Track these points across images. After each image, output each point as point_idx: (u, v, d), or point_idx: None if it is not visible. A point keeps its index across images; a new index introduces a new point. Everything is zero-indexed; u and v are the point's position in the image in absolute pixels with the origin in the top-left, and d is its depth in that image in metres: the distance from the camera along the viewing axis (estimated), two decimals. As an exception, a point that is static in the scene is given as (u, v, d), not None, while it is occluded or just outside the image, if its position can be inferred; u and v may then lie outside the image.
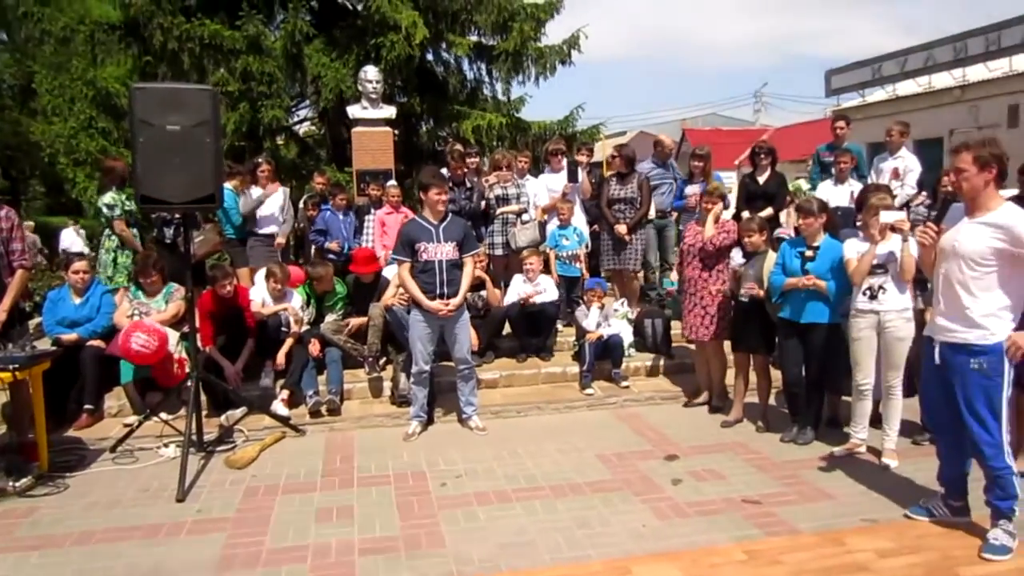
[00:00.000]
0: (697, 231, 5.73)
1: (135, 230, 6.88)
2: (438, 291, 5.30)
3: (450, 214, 5.49)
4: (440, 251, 5.30)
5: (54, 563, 3.70)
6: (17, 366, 4.46)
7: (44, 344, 5.62)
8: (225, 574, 3.54)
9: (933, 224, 3.66)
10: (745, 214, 6.67)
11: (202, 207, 4.98)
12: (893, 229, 4.34)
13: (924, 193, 6.58)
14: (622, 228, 7.10)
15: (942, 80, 17.26)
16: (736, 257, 5.44)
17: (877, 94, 19.51)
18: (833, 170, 7.21)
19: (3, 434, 5.30)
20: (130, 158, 7.80)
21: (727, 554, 3.53)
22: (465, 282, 5.46)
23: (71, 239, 13.82)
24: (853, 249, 4.62)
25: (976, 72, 16.52)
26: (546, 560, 3.56)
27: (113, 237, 6.76)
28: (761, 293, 5.20)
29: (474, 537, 3.83)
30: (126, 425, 5.52)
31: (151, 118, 4.46)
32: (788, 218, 7.25)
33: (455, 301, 5.34)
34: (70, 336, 5.69)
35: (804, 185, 7.76)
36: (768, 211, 6.86)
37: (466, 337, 5.55)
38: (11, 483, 4.55)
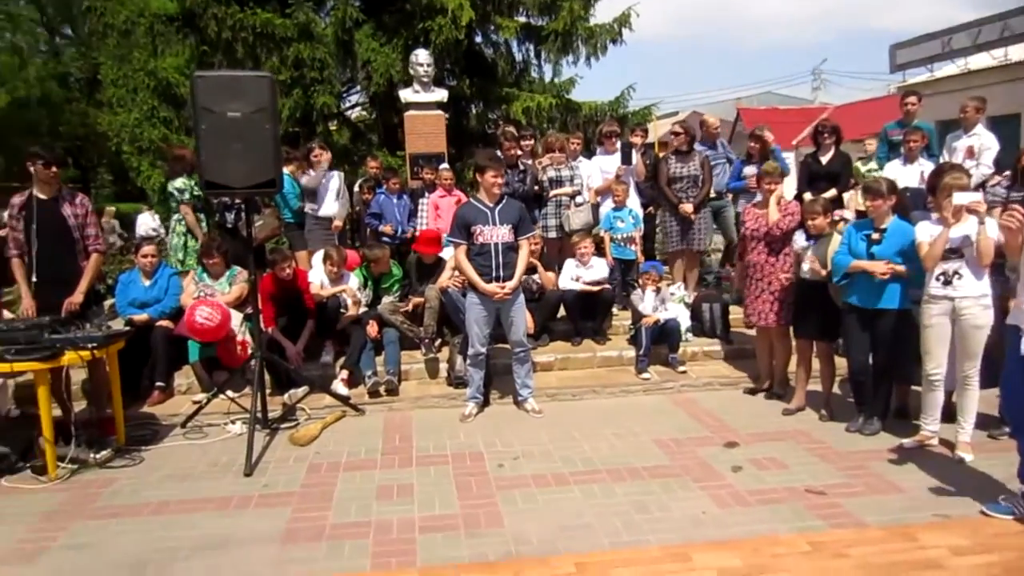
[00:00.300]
0: (759, 215, 5.61)
1: (201, 215, 7.08)
2: (494, 274, 5.31)
3: (505, 196, 5.48)
4: (496, 234, 5.29)
5: (133, 531, 3.87)
6: (95, 345, 4.65)
7: (117, 324, 5.84)
8: (291, 546, 3.64)
9: (1019, 206, 3.49)
10: (808, 195, 6.51)
11: (263, 192, 5.09)
12: (968, 211, 4.18)
13: (1007, 173, 6.30)
14: (688, 207, 7.03)
15: (1019, 52, 16.41)
16: (799, 240, 5.30)
17: (947, 68, 18.67)
18: (902, 149, 6.96)
19: (83, 410, 5.55)
20: (193, 145, 8.15)
21: (790, 544, 3.48)
22: (521, 265, 5.45)
23: (147, 223, 14.40)
24: (926, 232, 4.43)
25: (1057, 43, 15.67)
26: (604, 544, 3.57)
27: (175, 223, 6.99)
28: (823, 272, 5.07)
29: (532, 518, 3.86)
30: (195, 402, 5.71)
31: (212, 105, 4.57)
32: (851, 200, 7.06)
33: (511, 284, 5.35)
34: (141, 316, 5.89)
35: (869, 167, 7.49)
36: (831, 192, 6.67)
37: (522, 320, 5.54)
38: (92, 455, 4.76)
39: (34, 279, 5.08)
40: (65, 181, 5.27)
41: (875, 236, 4.75)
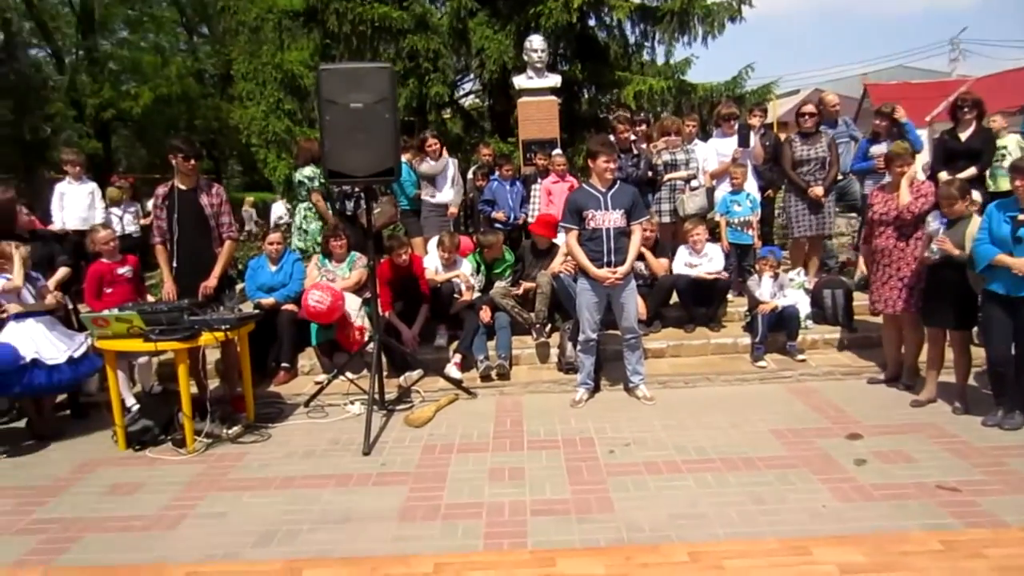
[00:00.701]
0: (887, 198, 5.28)
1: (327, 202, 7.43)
2: (605, 259, 5.28)
3: (618, 181, 5.43)
4: (608, 219, 5.25)
5: (263, 503, 4.13)
6: (228, 327, 4.98)
7: (247, 307, 6.22)
8: (408, 524, 3.78)
9: None
10: (944, 175, 6.08)
11: (383, 180, 5.25)
12: None
13: None
14: (819, 190, 6.78)
15: None
16: (932, 223, 4.95)
17: (1105, 33, 16.94)
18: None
19: (216, 388, 5.96)
20: (317, 136, 8.52)
21: (920, 542, 3.29)
22: (633, 250, 5.41)
23: (280, 211, 15.34)
24: None
25: None
26: (719, 534, 3.50)
27: (301, 209, 7.36)
28: (957, 252, 4.73)
29: (644, 505, 3.83)
30: (317, 383, 6.01)
31: (336, 97, 4.75)
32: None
33: (622, 269, 5.30)
34: (268, 300, 6.24)
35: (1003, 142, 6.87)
36: (971, 171, 6.20)
37: (633, 306, 5.50)
38: (225, 431, 5.12)
39: (174, 264, 5.47)
40: (201, 173, 5.62)
41: (1022, 218, 4.38)
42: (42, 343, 5.09)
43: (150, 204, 9.58)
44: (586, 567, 3.25)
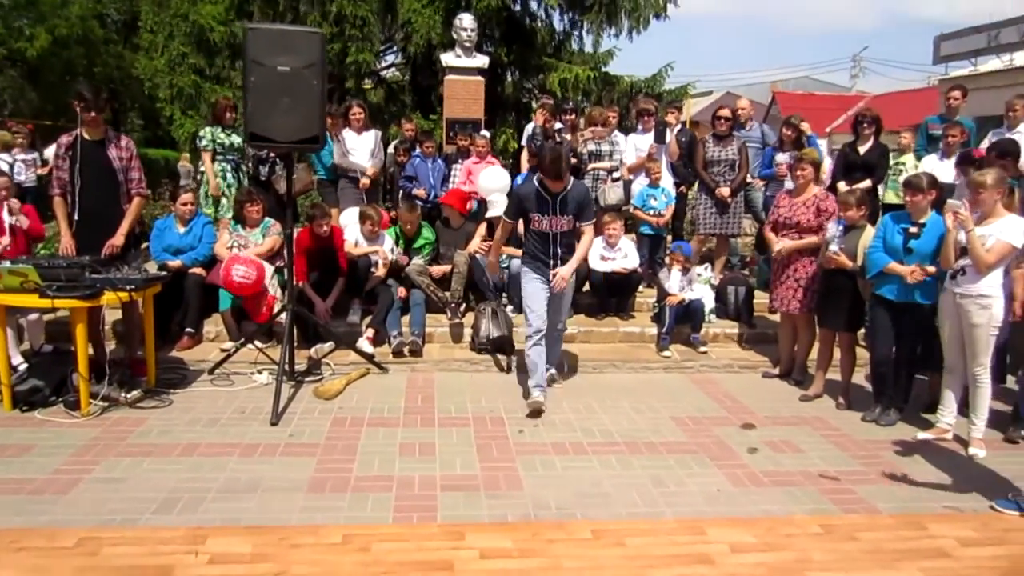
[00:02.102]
0: (793, 203, 5.59)
1: (228, 166, 7.18)
2: (551, 257, 5.09)
3: (571, 182, 5.05)
4: (556, 223, 5.02)
5: (164, 469, 4.01)
6: (134, 287, 4.78)
7: (151, 268, 5.96)
8: (318, 494, 3.76)
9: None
10: (842, 185, 6.49)
11: (306, 147, 5.13)
12: (952, 215, 4.27)
13: None
14: (726, 191, 7.06)
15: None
16: (831, 228, 5.28)
17: (991, 63, 18.30)
18: (941, 144, 6.88)
19: (113, 350, 5.70)
20: (225, 96, 8.22)
21: (803, 526, 3.55)
22: (580, 253, 5.22)
23: (184, 171, 14.78)
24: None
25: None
26: (622, 513, 3.66)
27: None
28: (847, 262, 5.07)
29: (551, 484, 3.95)
30: (223, 350, 5.85)
31: (262, 58, 4.60)
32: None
33: (563, 270, 5.05)
34: (175, 263, 6.00)
35: (900, 160, 7.42)
36: (867, 183, 6.64)
37: (568, 302, 5.50)
38: (123, 395, 4.91)
39: (75, 218, 5.18)
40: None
41: (913, 230, 4.74)
42: None
43: (47, 152, 9.03)
44: (494, 541, 3.33)
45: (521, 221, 5.23)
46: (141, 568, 3.05)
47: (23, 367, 5.16)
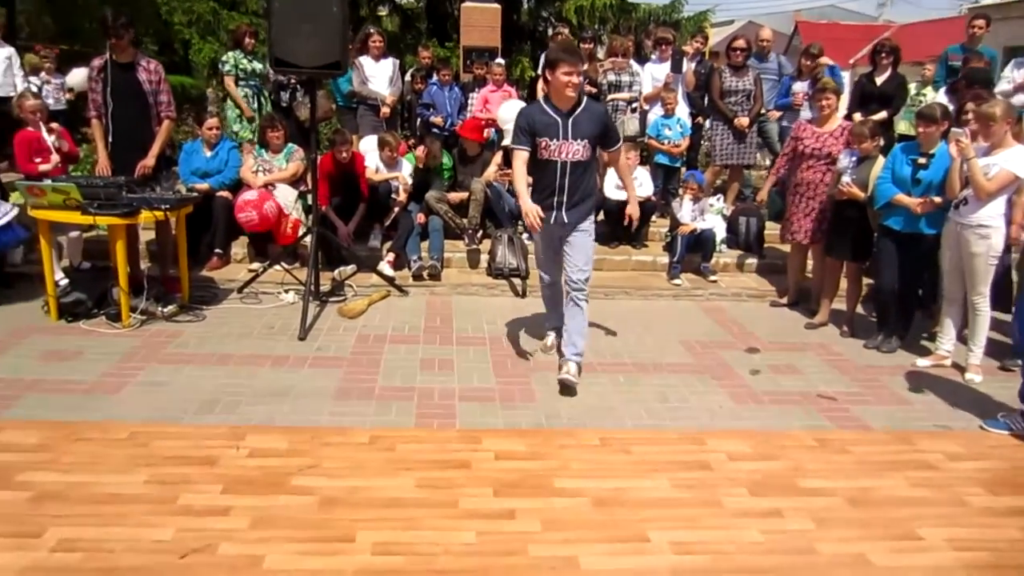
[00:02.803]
0: (818, 133, 5.61)
1: (249, 91, 7.30)
2: (556, 198, 4.21)
3: (584, 100, 4.22)
4: (565, 150, 4.12)
5: (202, 375, 4.31)
6: (168, 207, 4.99)
7: (180, 190, 6.16)
8: (344, 401, 4.05)
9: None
10: (857, 116, 6.53)
11: (329, 73, 5.24)
12: (956, 144, 4.36)
13: None
14: (744, 120, 7.13)
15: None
16: (843, 159, 5.36)
17: (1023, -9, 17.77)
18: (960, 74, 6.85)
19: (148, 268, 5.96)
20: (246, 22, 8.24)
21: (797, 439, 3.80)
22: (625, 179, 4.80)
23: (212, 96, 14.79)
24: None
25: None
26: (627, 424, 3.92)
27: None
28: (859, 193, 5.18)
29: (562, 397, 4.21)
30: (250, 271, 6.09)
31: (286, -16, 4.69)
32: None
33: (632, 209, 4.58)
34: (203, 186, 6.18)
35: (923, 92, 7.41)
36: (882, 115, 6.67)
37: (584, 253, 4.36)
38: (160, 309, 5.19)
39: (109, 140, 5.37)
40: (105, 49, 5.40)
41: (922, 161, 4.84)
42: None
43: (68, 79, 9.14)
44: (509, 445, 3.61)
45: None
46: (188, 458, 3.35)
47: (64, 282, 5.43)
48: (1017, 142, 4.46)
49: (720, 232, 6.93)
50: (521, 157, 4.22)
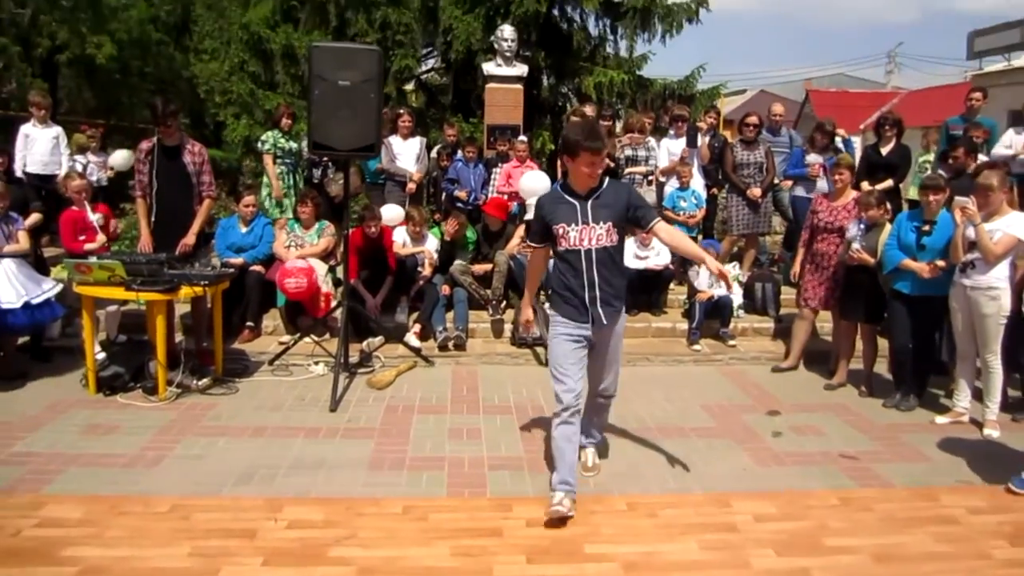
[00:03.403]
0: (832, 207, 5.84)
1: (284, 168, 7.65)
2: (586, 293, 3.69)
3: (606, 180, 3.78)
4: (587, 236, 3.66)
5: (237, 448, 4.45)
6: (207, 282, 5.23)
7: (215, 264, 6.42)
8: (377, 472, 4.17)
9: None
10: (865, 185, 6.74)
11: (364, 155, 5.54)
12: (962, 212, 4.53)
13: None
14: (757, 191, 7.37)
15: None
16: (851, 228, 5.57)
17: (1024, 58, 18.26)
18: (963, 144, 7.07)
19: (181, 341, 6.18)
20: (285, 102, 8.70)
21: (822, 498, 3.87)
22: (682, 243, 4.05)
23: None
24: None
25: None
26: (654, 489, 4.00)
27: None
28: (869, 259, 5.36)
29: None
30: (281, 343, 6.29)
31: (325, 73, 5.02)
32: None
33: (711, 262, 3.74)
34: (237, 260, 6.45)
35: (926, 157, 7.66)
36: (888, 183, 6.89)
37: (618, 365, 4.04)
38: (195, 382, 5.37)
39: (152, 219, 5.67)
40: (144, 123, 5.76)
41: (925, 228, 5.05)
42: (3, 286, 5.24)
43: (110, 160, 9.59)
44: (539, 512, 3.66)
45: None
46: (228, 531, 3.46)
47: (101, 356, 5.63)
48: (1011, 208, 4.68)
49: (737, 298, 7.08)
50: (537, 256, 3.99)
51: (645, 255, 7.05)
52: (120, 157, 9.41)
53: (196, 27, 16.52)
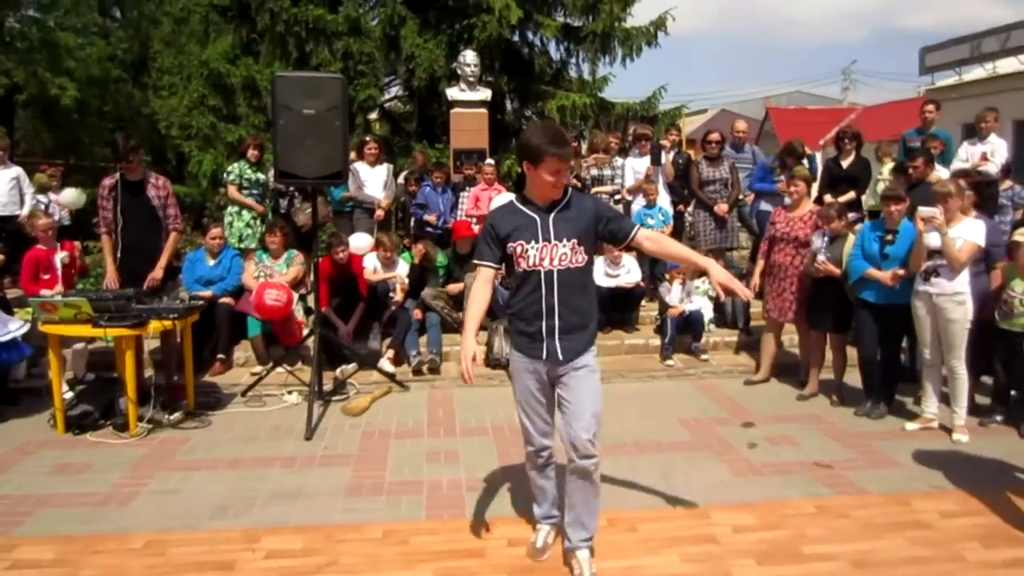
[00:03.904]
0: (789, 218, 5.98)
1: (252, 199, 7.62)
2: (544, 322, 3.14)
3: (570, 191, 3.22)
4: (549, 255, 3.11)
5: (212, 481, 4.38)
6: (176, 316, 5.18)
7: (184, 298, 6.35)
8: (355, 498, 4.13)
9: None
10: (828, 197, 6.90)
11: (331, 182, 5.55)
12: (925, 222, 4.66)
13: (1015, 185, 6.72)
14: (724, 207, 7.51)
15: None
16: (816, 240, 5.69)
17: (975, 72, 18.82)
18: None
19: (151, 376, 6.08)
20: (251, 134, 8.69)
21: (799, 507, 3.92)
22: (678, 250, 3.49)
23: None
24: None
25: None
26: (634, 504, 4.01)
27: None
28: (835, 270, 5.48)
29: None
30: (254, 374, 6.23)
31: (290, 103, 5.04)
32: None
33: (720, 275, 3.22)
34: (206, 293, 6.40)
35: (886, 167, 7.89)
36: (850, 195, 7.07)
37: (592, 403, 3.19)
38: (166, 416, 5.29)
39: (118, 254, 5.60)
40: (104, 161, 5.73)
41: (888, 238, 5.17)
42: None
43: (60, 197, 9.45)
44: (520, 531, 3.68)
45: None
46: (205, 564, 3.41)
47: (68, 395, 5.53)
48: (964, 215, 4.85)
49: (708, 312, 7.17)
50: (481, 277, 3.25)
51: (616, 273, 7.13)
52: (70, 195, 9.28)
53: (155, 64, 16.48)
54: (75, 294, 5.19)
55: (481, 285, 3.26)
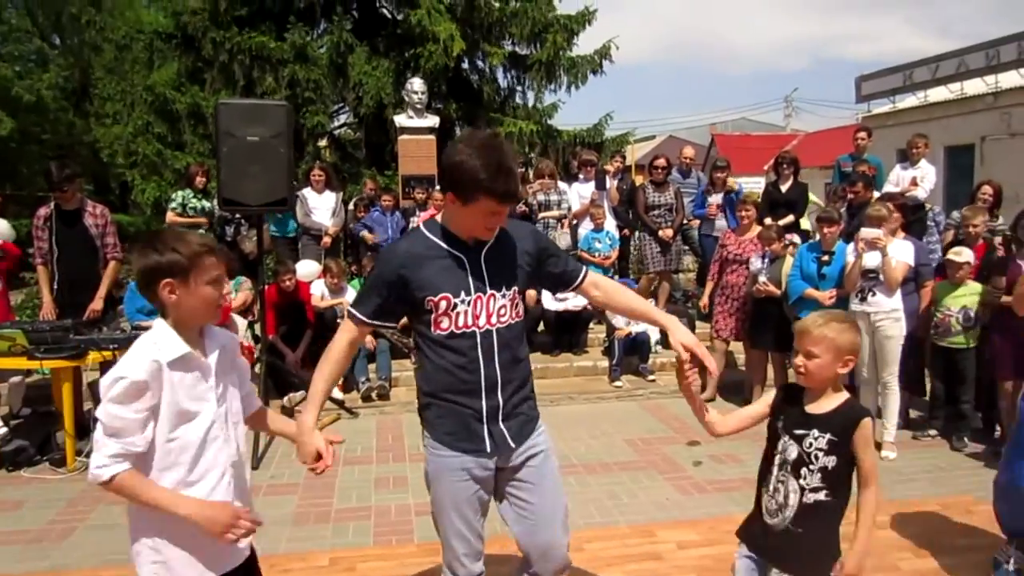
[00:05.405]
0: (740, 241, 6.18)
1: (201, 231, 7.53)
2: (482, 402, 2.34)
3: (507, 226, 2.40)
4: (487, 309, 2.32)
5: (154, 515, 4.27)
6: (116, 346, 5.05)
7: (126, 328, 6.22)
8: (302, 526, 4.10)
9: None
10: (768, 220, 7.12)
11: (276, 209, 5.53)
12: (868, 244, 4.86)
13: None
14: (669, 231, 7.67)
15: (974, 87, 17.36)
16: (755, 261, 5.87)
17: (908, 100, 19.67)
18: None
19: (90, 409, 5.90)
20: (197, 162, 8.61)
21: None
22: (642, 305, 2.89)
23: None
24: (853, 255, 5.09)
25: (1009, 79, 16.55)
26: (580, 524, 4.04)
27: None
28: (775, 290, 5.66)
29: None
30: (198, 404, 6.10)
31: (233, 130, 5.00)
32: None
33: (700, 356, 2.51)
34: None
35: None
36: (789, 218, 7.30)
37: (557, 496, 2.65)
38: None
39: (54, 285, 5.47)
40: (43, 191, 5.61)
41: (824, 259, 5.37)
42: None
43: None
44: (467, 555, 3.69)
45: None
46: (145, 599, 3.33)
47: (3, 430, 5.35)
48: (892, 236, 5.05)
49: (655, 334, 7.29)
50: (345, 334, 2.46)
51: (564, 296, 7.21)
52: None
53: (96, 91, 16.16)
54: (10, 325, 5.03)
55: (343, 346, 2.46)
